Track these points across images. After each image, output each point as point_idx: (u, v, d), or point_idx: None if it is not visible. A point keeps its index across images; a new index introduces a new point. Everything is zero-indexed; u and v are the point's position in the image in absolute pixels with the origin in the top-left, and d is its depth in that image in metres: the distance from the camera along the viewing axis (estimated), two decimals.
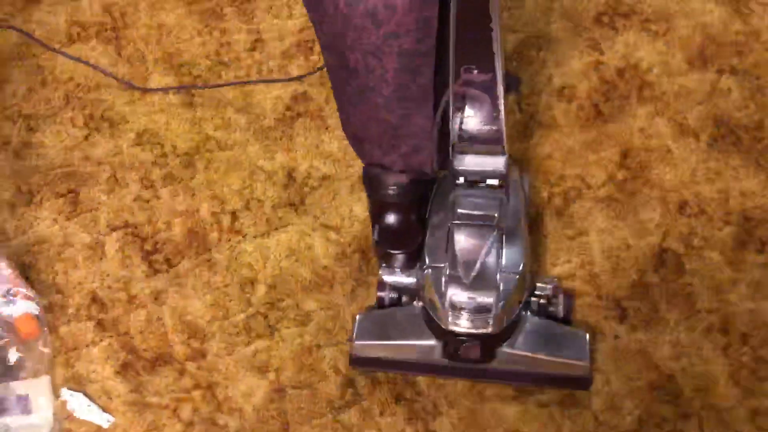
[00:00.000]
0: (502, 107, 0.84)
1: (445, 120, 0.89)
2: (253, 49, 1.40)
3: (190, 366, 1.09)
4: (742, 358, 1.03)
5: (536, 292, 1.01)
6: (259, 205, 1.23)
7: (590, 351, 0.99)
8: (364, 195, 1.20)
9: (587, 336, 1.00)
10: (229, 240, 1.19)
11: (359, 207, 1.20)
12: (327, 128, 1.29)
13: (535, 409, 1.01)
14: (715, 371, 1.02)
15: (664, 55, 1.31)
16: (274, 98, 1.34)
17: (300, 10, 1.44)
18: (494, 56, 0.78)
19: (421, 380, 1.04)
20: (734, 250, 1.11)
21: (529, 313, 1.00)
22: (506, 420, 1.01)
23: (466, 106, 0.84)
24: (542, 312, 1.02)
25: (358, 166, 1.24)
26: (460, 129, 0.87)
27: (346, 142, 1.26)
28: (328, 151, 1.27)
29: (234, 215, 1.22)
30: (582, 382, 1.00)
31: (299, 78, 1.34)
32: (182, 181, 1.26)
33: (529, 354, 0.98)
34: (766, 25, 1.33)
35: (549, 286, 1.02)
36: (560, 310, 1.02)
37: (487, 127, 0.88)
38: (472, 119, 0.86)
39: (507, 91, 0.84)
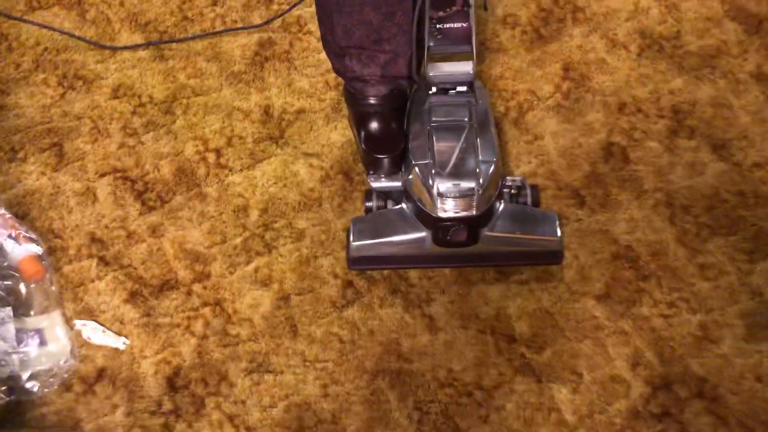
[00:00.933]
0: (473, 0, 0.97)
1: (419, 26, 1.01)
2: (214, 3, 1.48)
3: (196, 287, 1.16)
4: (686, 225, 1.18)
5: (507, 184, 1.14)
6: (241, 142, 1.31)
7: (560, 228, 1.13)
8: (340, 124, 1.31)
9: (556, 215, 1.13)
10: (217, 174, 1.27)
11: (336, 134, 1.30)
12: (296, 68, 1.39)
13: (516, 287, 1.14)
14: (666, 238, 1.17)
15: None
16: (241, 46, 1.42)
17: None
18: None
19: (413, 274, 1.15)
20: (669, 138, 1.27)
21: (503, 202, 1.13)
22: (492, 299, 1.13)
23: (440, 1, 0.95)
24: (514, 201, 1.14)
25: (330, 98, 1.34)
26: (435, 28, 0.99)
27: (316, 79, 1.37)
28: (299, 87, 1.36)
29: (218, 152, 1.29)
30: (555, 256, 1.13)
31: (267, 23, 1.43)
32: (163, 126, 1.32)
33: (508, 234, 1.10)
34: None
35: (518, 179, 1.15)
36: (529, 200, 1.15)
37: (458, 25, 0.99)
38: (445, 21, 0.98)
39: None
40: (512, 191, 1.14)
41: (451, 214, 1.05)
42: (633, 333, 1.09)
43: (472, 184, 1.04)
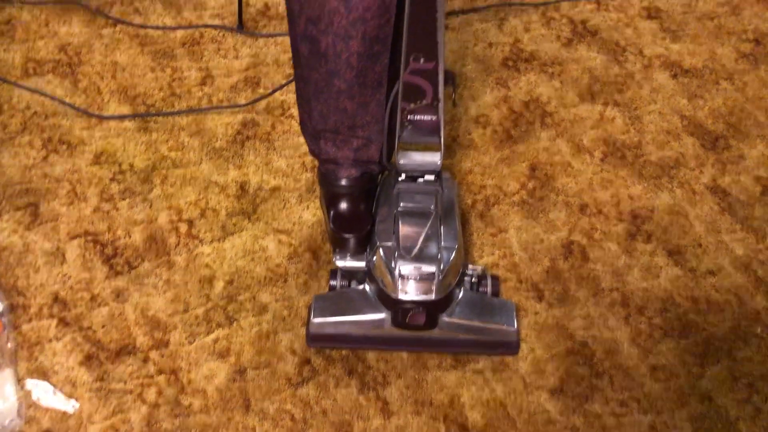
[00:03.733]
0: (442, 95, 1.03)
1: (391, 116, 1.07)
2: (203, 83, 1.55)
3: (154, 354, 1.16)
4: (640, 326, 1.21)
5: (468, 273, 1.17)
6: (214, 214, 1.34)
7: (517, 319, 1.15)
8: (312, 204, 1.35)
9: (514, 306, 1.16)
10: (187, 244, 1.29)
11: (308, 214, 1.34)
12: (275, 149, 1.44)
13: (471, 375, 1.15)
14: (620, 337, 1.20)
15: (560, 91, 1.56)
16: (224, 124, 1.48)
17: (245, 51, 1.61)
18: (437, 45, 0.97)
19: (371, 356, 1.16)
20: (627, 240, 1.32)
21: (463, 290, 1.16)
22: (447, 386, 1.14)
23: (412, 95, 1.02)
24: (474, 290, 1.17)
25: (305, 179, 1.39)
26: (406, 119, 1.05)
27: (294, 160, 1.42)
28: (277, 167, 1.41)
29: (191, 223, 1.32)
30: (511, 347, 1.15)
31: (251, 103, 1.49)
32: (140, 195, 1.36)
33: (466, 321, 1.13)
34: (638, 69, 1.61)
35: (479, 268, 1.18)
36: (489, 288, 1.18)
37: (428, 117, 1.05)
38: (416, 112, 1.04)
39: (445, 83, 1.03)
40: (473, 279, 1.17)
41: (411, 297, 1.08)
42: (584, 430, 1.09)
43: (432, 269, 1.07)
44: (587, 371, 1.16)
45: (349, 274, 1.18)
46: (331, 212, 1.14)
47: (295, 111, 1.47)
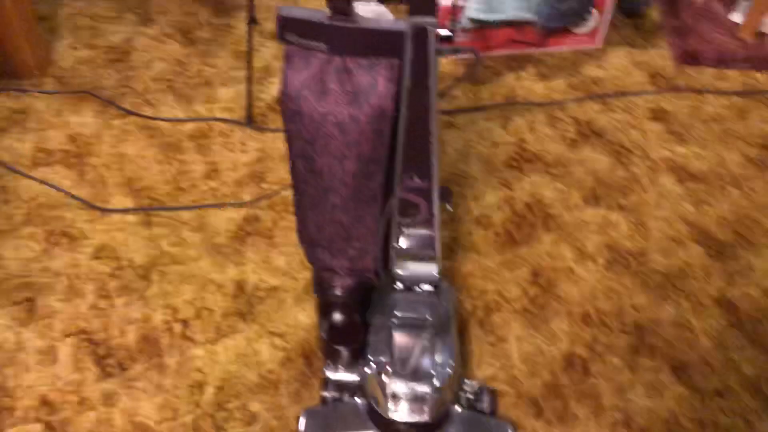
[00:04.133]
0: (437, 210, 1.02)
1: (387, 228, 1.06)
2: (209, 177, 1.56)
3: None
4: None
5: (464, 388, 1.14)
6: (209, 314, 1.32)
7: None
8: (308, 305, 1.33)
9: (512, 428, 1.12)
10: (180, 346, 1.27)
11: (303, 315, 1.32)
12: (275, 245, 1.43)
13: None
14: None
15: (564, 193, 1.55)
16: (227, 219, 1.48)
17: (252, 145, 1.63)
18: (432, 166, 0.96)
19: None
20: (630, 354, 1.28)
21: (458, 407, 1.12)
22: None
23: (408, 210, 1.01)
24: (470, 407, 1.14)
25: (303, 278, 1.38)
26: (402, 233, 1.04)
27: (293, 258, 1.41)
28: (276, 265, 1.40)
29: (186, 323, 1.31)
30: None
31: (255, 201, 1.50)
32: (137, 292, 1.35)
33: None
34: (643, 172, 1.61)
35: (476, 384, 1.15)
36: (486, 406, 1.14)
37: (423, 231, 1.04)
38: (411, 226, 1.03)
39: (441, 198, 1.02)
40: (469, 396, 1.14)
41: (403, 418, 1.04)
42: None
43: (427, 389, 1.04)
44: None
45: (342, 385, 1.15)
46: (324, 322, 1.12)
47: None
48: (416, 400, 1.04)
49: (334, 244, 1.11)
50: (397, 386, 1.04)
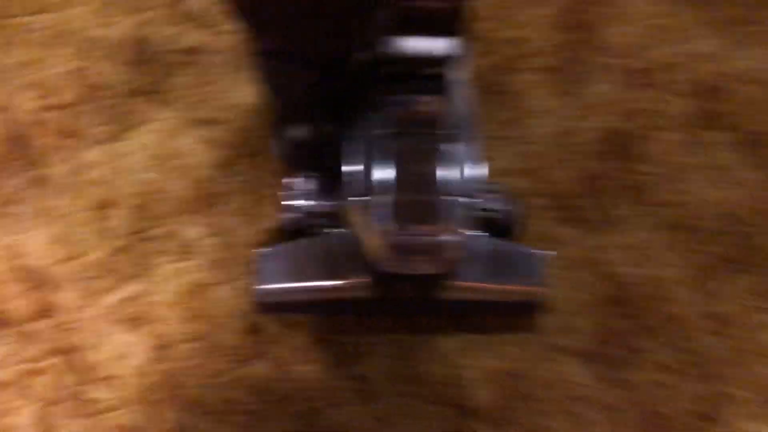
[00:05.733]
0: None
1: None
2: None
3: (39, 326, 0.82)
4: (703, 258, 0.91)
5: (479, 204, 0.82)
6: (98, 94, 0.90)
7: (544, 274, 0.83)
8: (245, 75, 0.91)
9: (543, 257, 0.83)
10: (63, 147, 0.88)
11: (240, 92, 0.91)
12: None
13: (475, 340, 0.86)
14: (674, 276, 0.91)
15: None
16: None
17: None
18: None
19: (344, 318, 0.86)
20: (694, 127, 0.96)
21: (473, 231, 0.81)
22: (443, 355, 0.86)
23: None
24: (487, 226, 0.83)
25: (232, 34, 0.93)
26: None
27: None
28: (185, 11, 0.93)
29: (64, 109, 0.89)
30: (534, 308, 0.85)
31: None
32: None
33: (475, 284, 0.81)
34: None
35: (497, 197, 0.83)
36: (506, 222, 0.84)
37: None
38: None
39: None
40: (486, 210, 0.83)
41: (406, 272, 0.74)
42: (628, 407, 0.85)
43: (440, 238, 0.72)
44: (629, 325, 0.89)
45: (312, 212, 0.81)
46: (276, 138, 0.73)
47: None
48: (426, 251, 0.72)
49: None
50: (399, 237, 0.71)
